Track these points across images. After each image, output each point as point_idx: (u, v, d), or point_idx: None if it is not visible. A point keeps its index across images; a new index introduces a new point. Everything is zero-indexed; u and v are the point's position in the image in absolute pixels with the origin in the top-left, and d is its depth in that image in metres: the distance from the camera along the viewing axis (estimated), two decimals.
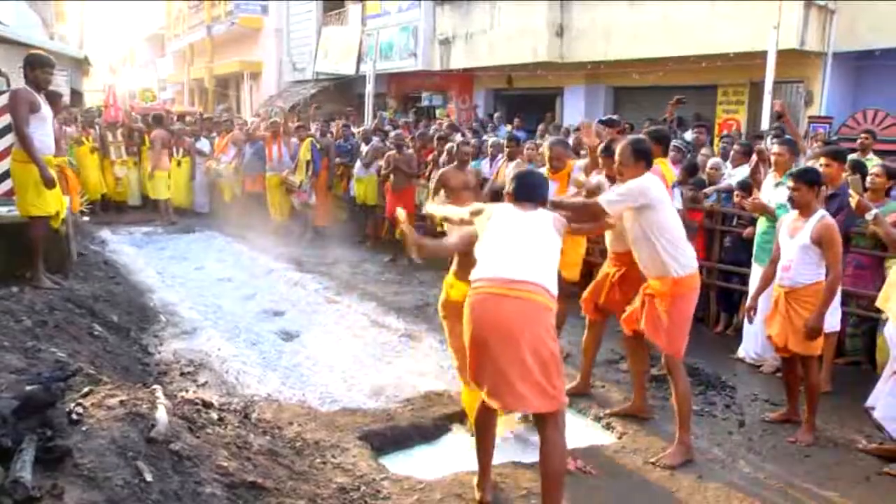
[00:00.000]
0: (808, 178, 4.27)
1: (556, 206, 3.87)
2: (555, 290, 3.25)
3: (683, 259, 3.96)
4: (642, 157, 4.02)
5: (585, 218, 4.11)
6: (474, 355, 3.23)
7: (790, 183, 4.36)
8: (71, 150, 11.02)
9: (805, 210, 4.28)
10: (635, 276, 4.34)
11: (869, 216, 4.26)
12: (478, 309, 3.20)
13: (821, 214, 4.24)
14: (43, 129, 5.44)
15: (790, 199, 4.37)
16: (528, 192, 3.48)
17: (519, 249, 3.28)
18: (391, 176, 9.10)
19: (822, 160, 5.07)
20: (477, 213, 3.54)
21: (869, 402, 4.15)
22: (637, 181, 3.92)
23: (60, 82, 12.43)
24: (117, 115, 12.83)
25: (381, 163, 9.49)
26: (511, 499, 3.52)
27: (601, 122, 6.07)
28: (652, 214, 3.91)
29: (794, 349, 4.27)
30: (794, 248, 4.27)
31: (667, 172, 5.45)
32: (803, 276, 4.25)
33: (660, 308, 4.00)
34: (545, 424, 3.20)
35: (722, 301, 6.48)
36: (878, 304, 4.24)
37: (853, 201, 4.40)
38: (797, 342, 4.23)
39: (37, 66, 5.40)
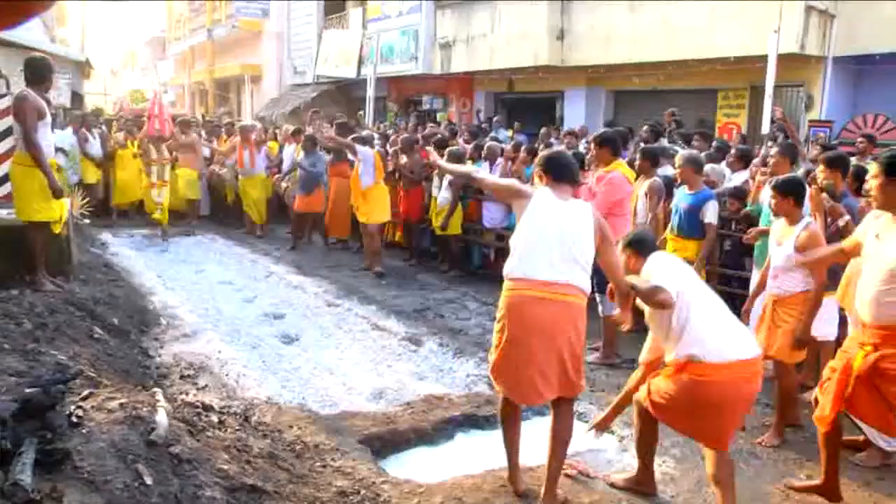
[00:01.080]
0: (783, 189, 4.24)
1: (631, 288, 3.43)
2: (588, 288, 3.38)
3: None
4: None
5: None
6: (510, 353, 3.35)
7: (771, 192, 4.37)
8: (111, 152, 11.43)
9: (790, 218, 4.26)
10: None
11: (841, 222, 4.25)
12: (518, 310, 3.32)
13: (805, 222, 4.20)
14: (45, 135, 5.45)
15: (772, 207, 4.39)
16: (563, 171, 3.51)
17: (557, 247, 3.31)
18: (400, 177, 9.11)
19: (820, 167, 5.05)
20: (520, 194, 3.53)
21: None
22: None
23: (62, 85, 12.49)
24: (163, 127, 10.35)
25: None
26: (511, 499, 3.51)
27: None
28: None
29: (775, 356, 4.25)
30: (780, 256, 4.26)
31: (627, 173, 5.52)
32: (789, 285, 4.23)
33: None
34: (562, 405, 3.46)
35: None
36: (836, 300, 4.22)
37: (816, 207, 4.38)
38: (780, 350, 4.21)
39: (39, 70, 5.42)
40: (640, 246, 3.52)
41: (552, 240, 3.32)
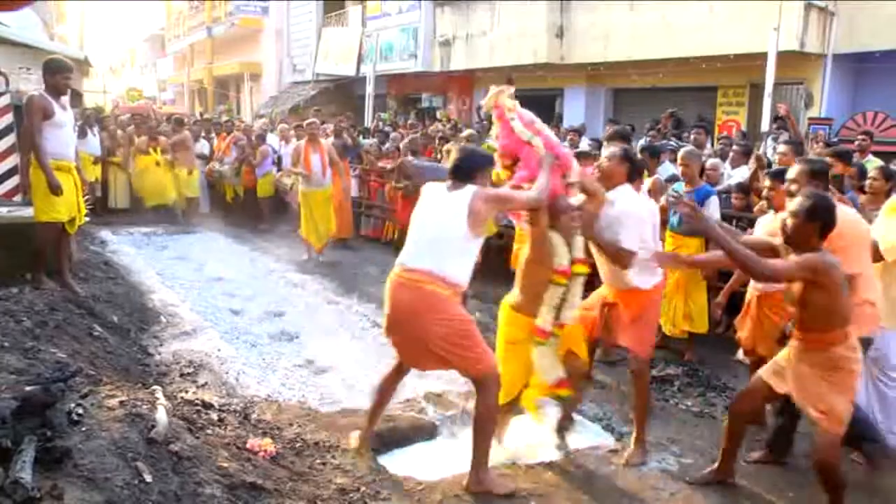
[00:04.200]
0: (783, 177, 4.19)
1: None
2: (455, 277, 3.42)
3: None
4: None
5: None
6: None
7: (767, 183, 4.34)
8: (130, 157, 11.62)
9: (781, 211, 4.24)
10: None
11: None
12: (388, 292, 3.58)
13: None
14: (58, 135, 5.42)
15: (766, 199, 4.35)
16: (456, 168, 3.51)
17: (422, 234, 3.47)
18: (403, 181, 8.56)
19: (827, 160, 5.04)
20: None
21: None
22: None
23: None
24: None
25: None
26: (510, 497, 3.51)
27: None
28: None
29: (761, 353, 4.24)
30: None
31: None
32: None
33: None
34: (474, 384, 3.51)
35: None
36: None
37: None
38: (766, 347, 4.20)
39: (56, 72, 5.40)
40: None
41: (421, 226, 3.50)
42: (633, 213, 3.83)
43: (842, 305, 3.14)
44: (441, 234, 3.41)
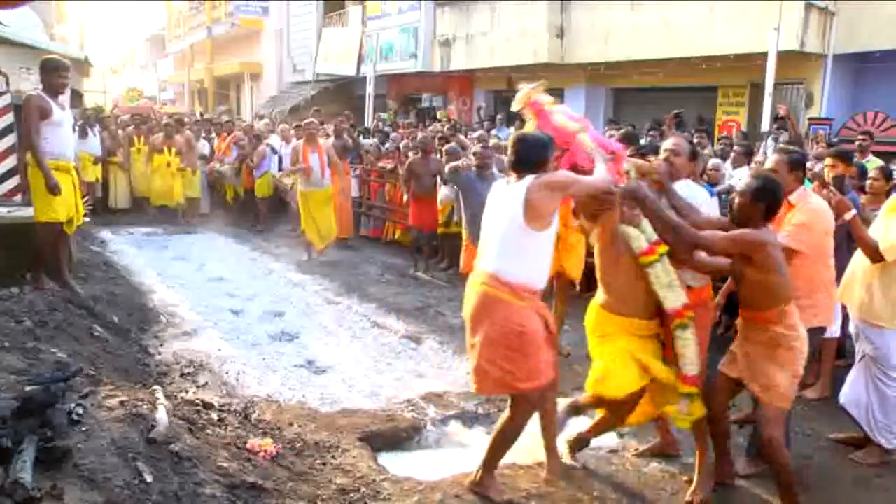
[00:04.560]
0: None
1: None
2: (517, 278, 3.21)
3: None
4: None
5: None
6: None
7: None
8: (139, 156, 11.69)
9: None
10: None
11: (847, 216, 4.25)
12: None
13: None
14: (56, 135, 5.41)
15: None
16: (517, 159, 3.31)
17: (487, 234, 3.35)
18: (412, 182, 8.28)
19: (828, 161, 5.03)
20: None
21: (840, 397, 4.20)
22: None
23: None
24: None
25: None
26: (510, 497, 3.51)
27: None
28: None
29: None
30: None
31: None
32: None
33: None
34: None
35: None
36: (838, 297, 4.24)
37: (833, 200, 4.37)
38: None
39: (53, 71, 5.38)
40: None
41: (485, 229, 3.40)
42: (698, 205, 3.68)
43: (777, 284, 3.19)
44: (500, 232, 3.24)
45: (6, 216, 5.80)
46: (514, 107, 3.81)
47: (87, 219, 6.16)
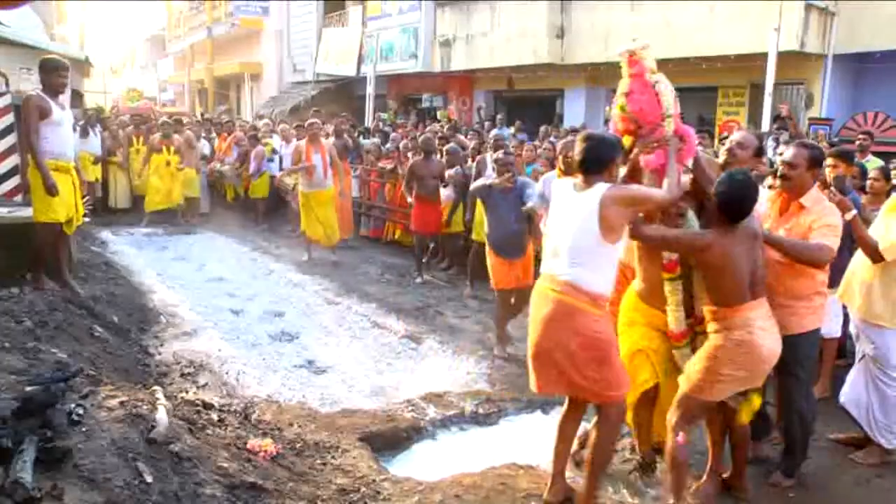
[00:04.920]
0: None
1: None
2: (597, 288, 3.19)
3: None
4: None
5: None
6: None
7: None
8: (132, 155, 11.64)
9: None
10: None
11: (848, 216, 4.25)
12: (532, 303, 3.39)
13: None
14: (56, 134, 5.40)
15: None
16: (584, 161, 3.25)
17: (560, 241, 3.27)
18: (414, 183, 8.10)
19: (830, 161, 5.03)
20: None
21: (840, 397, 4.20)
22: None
23: None
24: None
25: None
26: (510, 498, 3.52)
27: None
28: None
29: None
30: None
31: None
32: None
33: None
34: (598, 410, 3.36)
35: None
36: (838, 297, 4.22)
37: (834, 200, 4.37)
38: None
39: (52, 71, 5.38)
40: None
41: (555, 234, 3.32)
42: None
43: (717, 286, 3.24)
44: (572, 239, 3.20)
45: (6, 216, 5.80)
46: (619, 53, 3.74)
47: (87, 219, 6.15)
